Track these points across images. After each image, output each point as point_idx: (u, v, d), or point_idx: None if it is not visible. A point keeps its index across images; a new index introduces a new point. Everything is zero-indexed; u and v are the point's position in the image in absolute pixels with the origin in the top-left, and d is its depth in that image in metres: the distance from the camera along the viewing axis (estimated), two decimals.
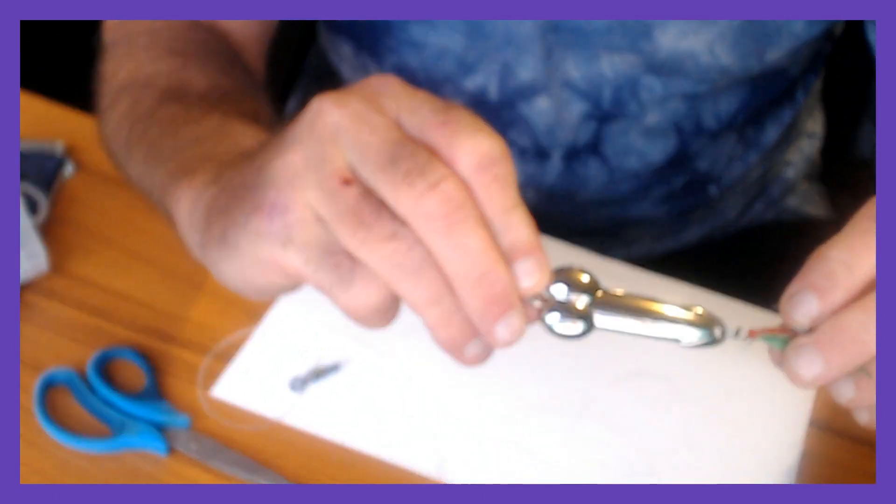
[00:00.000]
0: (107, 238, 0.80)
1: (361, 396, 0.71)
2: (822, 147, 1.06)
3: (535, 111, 0.84)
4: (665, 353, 0.74)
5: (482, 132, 0.42)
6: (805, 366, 0.44)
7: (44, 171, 0.83)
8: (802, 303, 0.44)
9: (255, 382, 0.71)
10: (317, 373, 0.72)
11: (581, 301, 0.45)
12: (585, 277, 0.45)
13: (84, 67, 0.74)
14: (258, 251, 0.46)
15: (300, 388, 0.71)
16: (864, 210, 0.45)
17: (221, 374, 0.72)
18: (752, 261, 0.98)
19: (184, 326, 0.75)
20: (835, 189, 1.08)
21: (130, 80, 0.70)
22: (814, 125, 1.06)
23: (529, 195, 0.90)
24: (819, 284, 0.44)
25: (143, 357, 0.72)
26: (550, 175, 0.89)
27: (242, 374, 0.72)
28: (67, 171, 0.84)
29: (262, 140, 0.56)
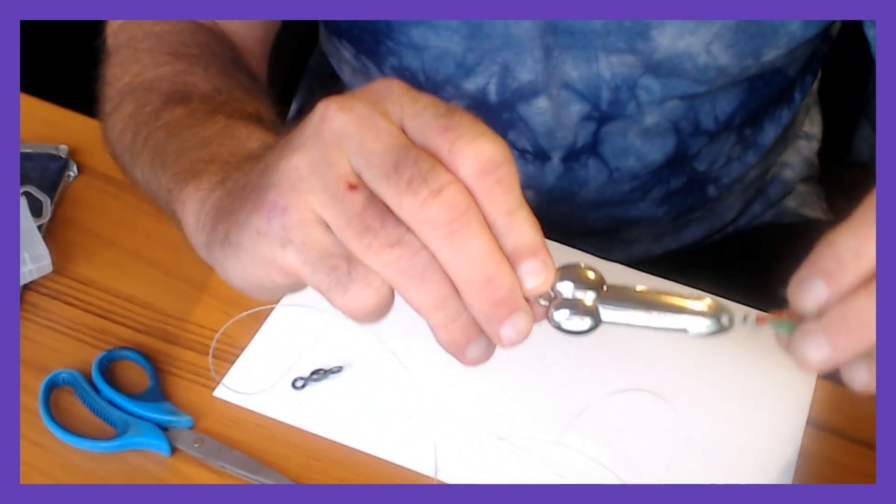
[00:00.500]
0: (110, 240, 0.81)
1: (362, 397, 0.71)
2: (820, 149, 1.07)
3: (535, 112, 0.84)
4: (664, 358, 0.75)
5: (484, 136, 0.43)
6: (812, 350, 0.44)
7: (47, 174, 0.83)
8: (811, 288, 0.44)
9: (258, 383, 0.72)
10: (319, 373, 0.72)
11: (588, 297, 0.45)
12: (591, 273, 0.45)
13: (87, 71, 0.74)
14: (259, 250, 0.46)
15: (302, 389, 0.72)
16: (871, 199, 0.45)
17: (224, 375, 0.72)
18: (751, 262, 0.98)
19: (187, 327, 0.75)
20: (832, 191, 1.08)
21: (134, 84, 0.70)
22: (811, 127, 1.06)
23: (529, 197, 0.90)
24: (827, 270, 0.43)
25: (147, 358, 0.72)
26: (550, 176, 0.89)
27: (245, 375, 0.72)
28: (71, 174, 0.84)
29: (268, 142, 0.57)
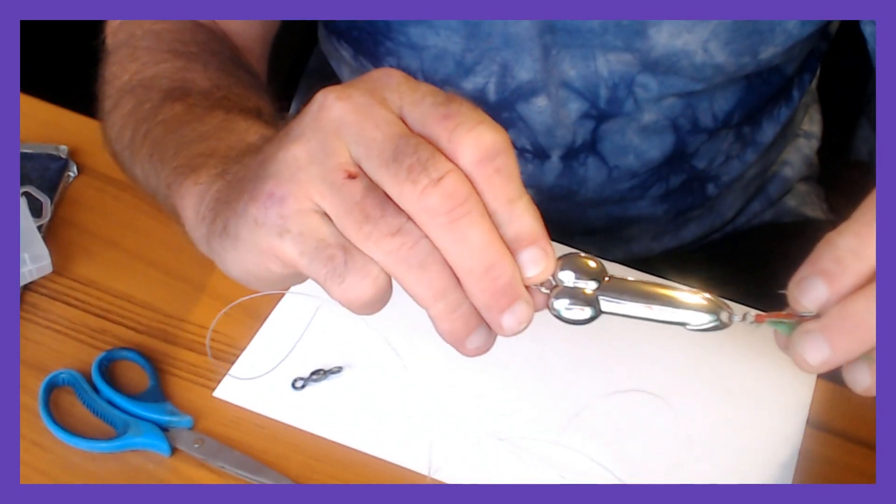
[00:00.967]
0: (110, 240, 0.81)
1: (362, 397, 0.71)
2: (820, 148, 1.07)
3: (534, 111, 0.84)
4: (664, 358, 0.75)
5: (483, 124, 0.43)
6: (811, 351, 0.44)
7: (47, 174, 0.83)
8: (811, 288, 0.44)
9: (258, 383, 0.72)
10: (318, 374, 0.72)
11: (589, 287, 0.45)
12: (592, 263, 0.45)
13: (87, 71, 0.74)
14: (257, 240, 0.46)
15: (302, 389, 0.72)
16: (871, 198, 0.45)
17: (224, 375, 0.72)
18: (750, 261, 0.98)
19: (186, 327, 0.75)
20: (832, 191, 1.08)
21: (133, 82, 0.70)
22: (811, 125, 1.06)
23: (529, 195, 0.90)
24: (828, 270, 0.43)
25: (146, 358, 0.72)
26: (550, 175, 0.89)
27: (248, 370, 0.72)
28: (71, 174, 0.84)
29: (267, 136, 0.56)
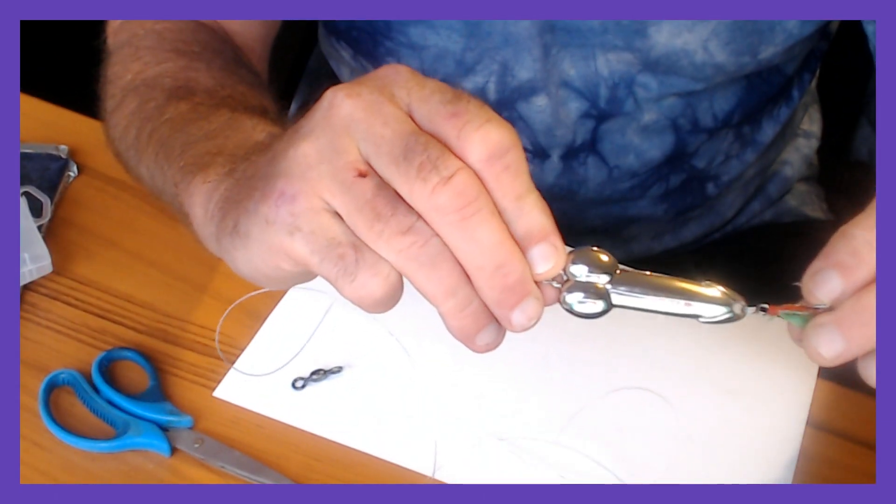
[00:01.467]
0: (110, 240, 0.81)
1: (362, 397, 0.71)
2: (820, 148, 1.07)
3: (534, 111, 0.84)
4: (664, 358, 0.75)
5: (491, 122, 0.43)
6: (825, 344, 0.43)
7: (48, 174, 0.83)
8: (826, 280, 0.43)
9: (258, 383, 0.72)
10: (319, 374, 0.72)
11: (600, 280, 0.45)
12: (604, 257, 0.45)
13: (87, 71, 0.74)
14: (267, 239, 0.46)
15: (302, 389, 0.72)
16: None
17: (224, 375, 0.72)
18: (751, 261, 0.98)
19: (187, 327, 0.75)
20: (832, 191, 1.08)
21: (136, 81, 0.70)
22: (811, 125, 1.06)
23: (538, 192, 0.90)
24: (843, 262, 0.43)
25: (147, 358, 0.72)
26: (550, 175, 0.89)
27: (245, 375, 0.72)
28: (71, 174, 0.84)
29: (275, 133, 0.56)
